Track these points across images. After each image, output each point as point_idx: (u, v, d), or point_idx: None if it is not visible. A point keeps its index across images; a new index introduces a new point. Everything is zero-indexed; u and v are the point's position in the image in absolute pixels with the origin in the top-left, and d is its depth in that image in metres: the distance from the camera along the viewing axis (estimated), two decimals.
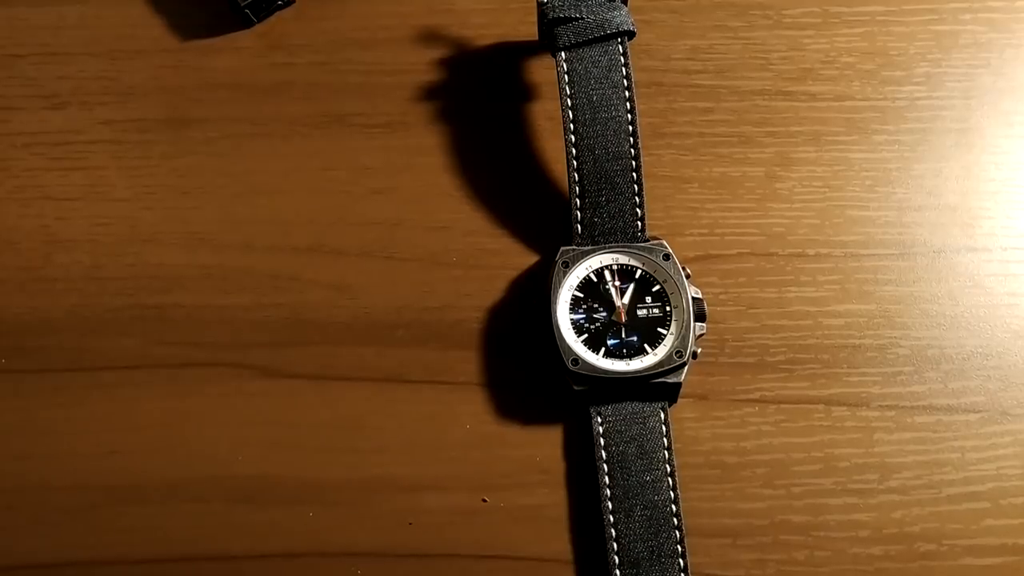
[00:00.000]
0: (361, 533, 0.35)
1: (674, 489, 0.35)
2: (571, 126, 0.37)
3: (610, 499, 0.35)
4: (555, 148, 0.40)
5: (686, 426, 0.36)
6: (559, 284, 0.36)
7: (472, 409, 0.36)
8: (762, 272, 0.38)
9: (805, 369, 0.37)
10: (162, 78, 0.41)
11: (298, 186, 0.39)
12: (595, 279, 0.36)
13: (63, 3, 0.42)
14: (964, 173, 0.39)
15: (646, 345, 0.35)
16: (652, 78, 0.41)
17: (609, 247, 0.36)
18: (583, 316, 0.36)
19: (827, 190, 0.39)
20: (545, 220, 0.39)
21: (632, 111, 0.37)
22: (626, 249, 0.36)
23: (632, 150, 0.37)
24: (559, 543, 0.35)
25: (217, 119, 0.40)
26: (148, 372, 0.37)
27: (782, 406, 0.36)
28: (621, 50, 0.37)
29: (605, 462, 0.35)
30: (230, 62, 0.41)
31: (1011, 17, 0.42)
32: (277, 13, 0.42)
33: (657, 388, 0.35)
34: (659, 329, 0.36)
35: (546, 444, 0.36)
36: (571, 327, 0.36)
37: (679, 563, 0.34)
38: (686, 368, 0.35)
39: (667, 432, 0.35)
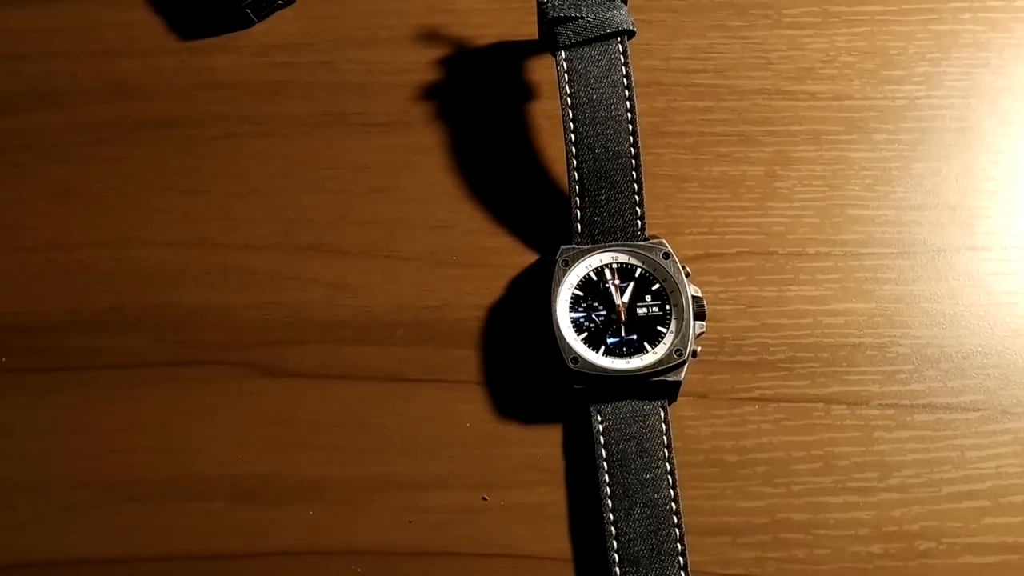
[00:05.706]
0: (361, 531, 0.35)
1: (674, 487, 0.35)
2: (571, 125, 0.37)
3: (610, 497, 0.35)
4: (555, 147, 0.40)
5: (686, 424, 0.36)
6: (559, 283, 0.36)
7: (472, 407, 0.36)
8: (762, 271, 0.38)
9: (805, 368, 0.37)
10: (162, 78, 0.41)
11: (298, 185, 0.39)
12: (595, 278, 0.36)
13: (63, 3, 0.43)
14: (963, 172, 0.39)
15: (646, 343, 0.35)
16: (652, 77, 0.41)
17: (609, 246, 0.36)
18: (583, 315, 0.36)
19: (827, 189, 0.39)
20: (545, 219, 0.39)
21: (632, 110, 0.37)
22: (626, 248, 0.36)
23: (632, 149, 0.37)
24: (559, 541, 0.35)
25: (217, 118, 0.41)
26: (148, 371, 0.37)
27: (782, 404, 0.36)
28: (621, 49, 0.37)
29: (605, 460, 0.35)
30: (230, 61, 0.41)
31: (1010, 17, 0.42)
32: (277, 12, 0.42)
33: (657, 386, 0.35)
34: (659, 328, 0.36)
35: (546, 442, 0.36)
36: (571, 326, 0.36)
37: (679, 561, 0.34)
38: (686, 366, 0.35)
39: (667, 430, 0.35)
